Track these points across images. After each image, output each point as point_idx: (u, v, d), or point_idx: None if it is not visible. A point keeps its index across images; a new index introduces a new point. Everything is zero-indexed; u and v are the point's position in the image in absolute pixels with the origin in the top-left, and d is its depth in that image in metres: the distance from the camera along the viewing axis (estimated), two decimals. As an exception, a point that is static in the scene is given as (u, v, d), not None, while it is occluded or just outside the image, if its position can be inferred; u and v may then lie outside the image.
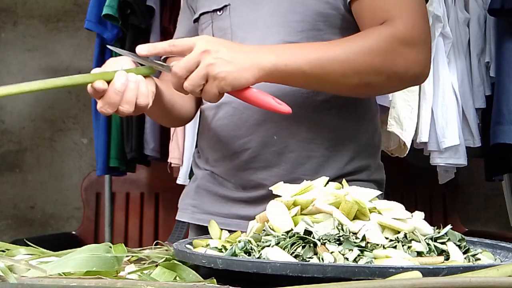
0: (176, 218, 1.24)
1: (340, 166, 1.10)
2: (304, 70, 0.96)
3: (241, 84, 0.94)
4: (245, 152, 1.10)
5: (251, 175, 1.11)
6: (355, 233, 0.69)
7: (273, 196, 0.81)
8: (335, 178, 0.84)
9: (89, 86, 0.93)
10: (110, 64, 0.99)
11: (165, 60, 1.22)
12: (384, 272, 0.58)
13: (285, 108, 0.95)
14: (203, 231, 1.15)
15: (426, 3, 1.08)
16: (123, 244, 0.75)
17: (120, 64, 0.97)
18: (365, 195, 0.76)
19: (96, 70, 0.96)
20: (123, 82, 0.93)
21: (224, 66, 0.92)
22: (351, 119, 1.12)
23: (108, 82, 0.93)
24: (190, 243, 0.84)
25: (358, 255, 0.65)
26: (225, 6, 1.14)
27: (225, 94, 1.05)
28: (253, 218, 0.81)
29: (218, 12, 1.15)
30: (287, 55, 0.96)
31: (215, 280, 0.62)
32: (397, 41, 0.98)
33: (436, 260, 0.66)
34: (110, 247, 0.70)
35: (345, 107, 1.11)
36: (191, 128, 2.32)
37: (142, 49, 0.95)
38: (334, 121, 1.10)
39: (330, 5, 1.07)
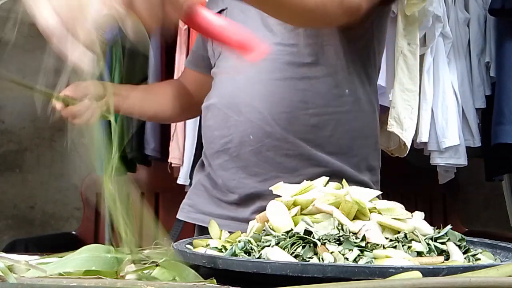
0: (177, 216, 1.26)
1: (319, 167, 1.08)
2: None
3: None
4: (227, 151, 1.12)
5: (233, 175, 1.12)
6: (355, 233, 0.69)
7: (258, 197, 0.81)
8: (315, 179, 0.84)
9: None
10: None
11: None
12: (384, 272, 0.58)
13: (258, 50, 0.72)
14: (201, 230, 1.18)
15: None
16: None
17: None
18: (365, 195, 0.76)
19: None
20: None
21: None
22: (330, 120, 1.09)
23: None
24: (190, 243, 0.84)
25: (358, 255, 0.65)
26: (222, 10, 1.16)
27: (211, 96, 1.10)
28: (243, 220, 0.81)
29: None
30: None
31: (215, 280, 0.62)
32: None
33: (436, 260, 0.66)
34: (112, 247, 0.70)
35: (324, 107, 1.09)
36: (192, 128, 2.32)
37: None
38: (311, 122, 1.08)
39: None
